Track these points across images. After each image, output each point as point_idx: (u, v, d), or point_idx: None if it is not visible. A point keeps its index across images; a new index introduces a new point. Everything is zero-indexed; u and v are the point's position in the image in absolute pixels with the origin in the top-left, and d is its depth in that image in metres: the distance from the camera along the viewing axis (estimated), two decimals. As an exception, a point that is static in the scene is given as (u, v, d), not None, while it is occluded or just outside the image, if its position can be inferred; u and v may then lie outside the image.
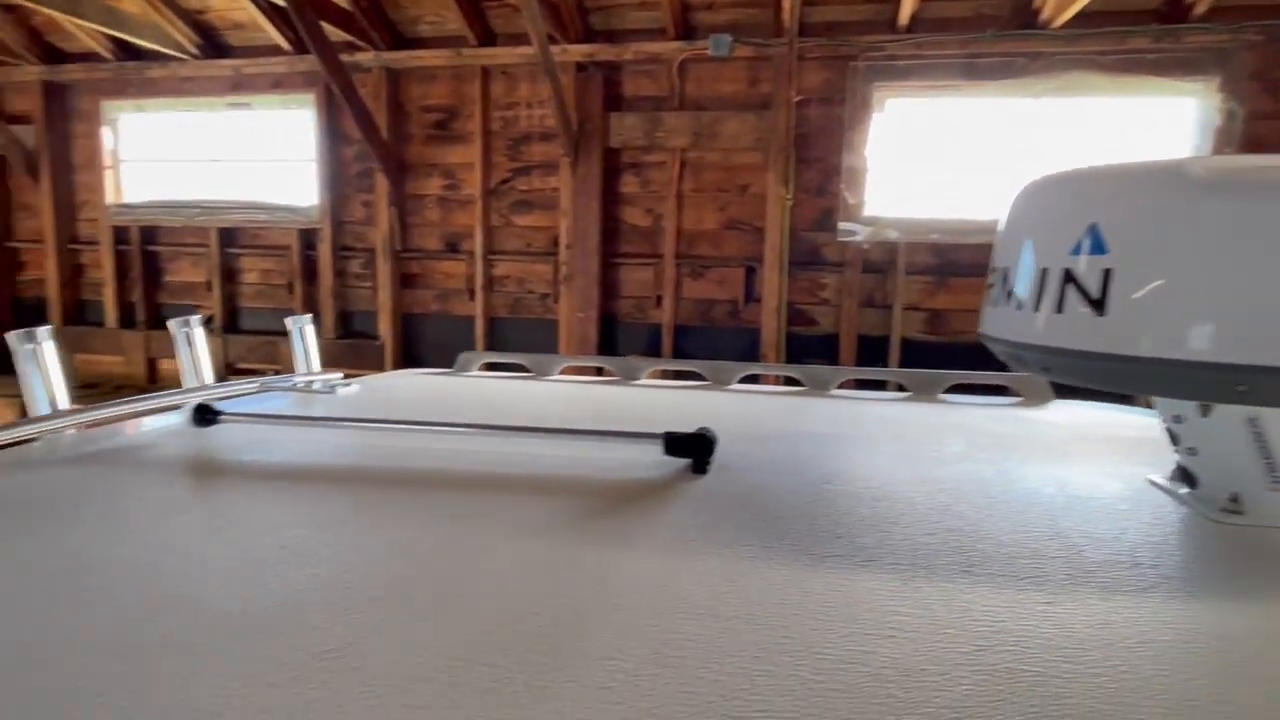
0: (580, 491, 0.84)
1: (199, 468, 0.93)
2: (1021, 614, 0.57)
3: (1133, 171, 0.68)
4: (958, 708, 0.45)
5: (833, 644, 0.52)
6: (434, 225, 5.02)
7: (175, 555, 0.66)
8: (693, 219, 4.55)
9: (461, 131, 4.86)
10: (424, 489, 0.85)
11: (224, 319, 5.56)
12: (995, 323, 0.82)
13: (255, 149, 5.56)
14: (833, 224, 4.29)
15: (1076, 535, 0.72)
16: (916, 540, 0.71)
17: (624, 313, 4.71)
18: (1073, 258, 0.69)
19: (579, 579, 0.62)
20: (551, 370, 1.77)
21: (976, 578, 0.63)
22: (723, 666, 0.49)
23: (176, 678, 0.47)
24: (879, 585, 0.61)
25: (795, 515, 0.78)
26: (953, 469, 0.96)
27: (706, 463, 0.92)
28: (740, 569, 0.64)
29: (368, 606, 0.57)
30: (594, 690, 0.46)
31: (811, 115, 4.31)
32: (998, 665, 0.50)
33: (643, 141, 4.49)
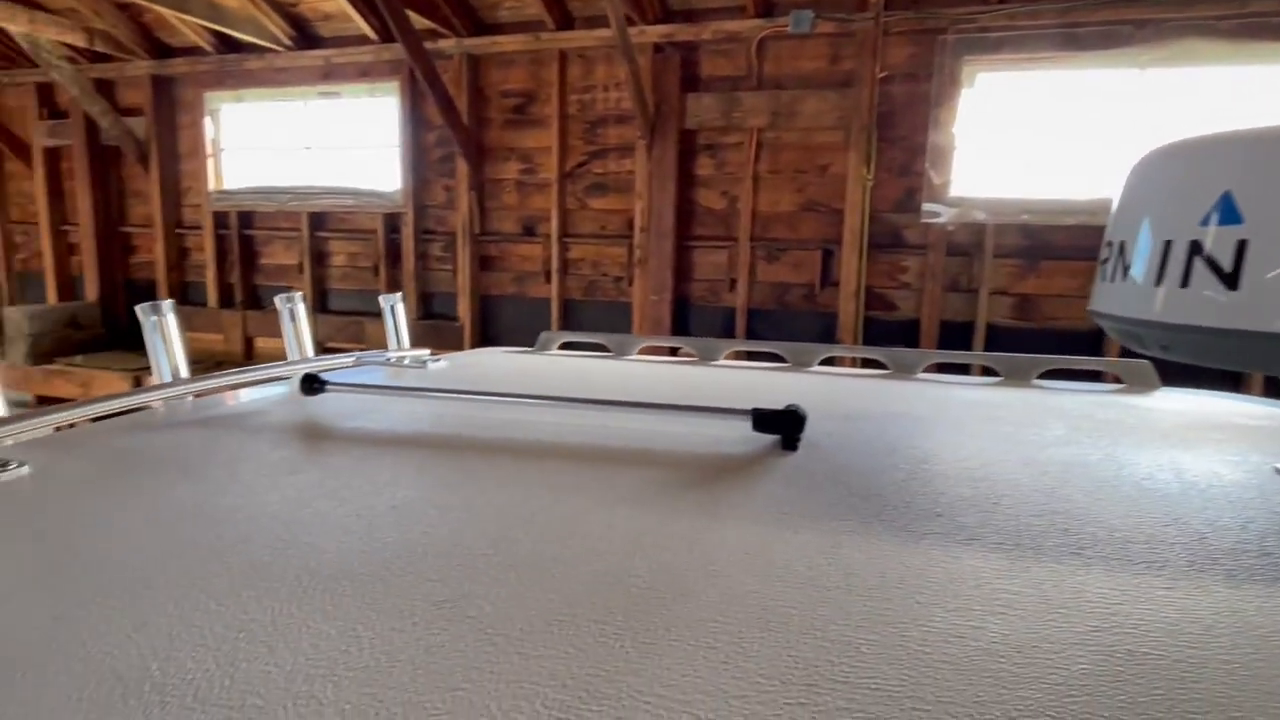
0: (670, 464, 0.85)
1: (309, 432, 0.99)
2: (1139, 598, 0.54)
3: (1273, 135, 0.63)
4: (1075, 685, 0.44)
5: (938, 617, 0.51)
6: (511, 209, 5.12)
7: (295, 509, 0.70)
8: (768, 201, 4.48)
9: (539, 115, 4.92)
10: (521, 457, 0.88)
11: (314, 300, 5.83)
12: (1109, 299, 0.78)
13: (343, 136, 5.78)
14: (916, 205, 4.15)
15: (1197, 522, 0.69)
16: (1022, 521, 0.69)
17: (697, 296, 4.69)
18: (1201, 229, 0.65)
19: (675, 546, 0.63)
20: (630, 350, 1.79)
21: (1088, 560, 0.61)
22: (826, 633, 0.49)
23: (308, 618, 0.51)
24: (984, 563, 0.60)
25: (891, 493, 0.76)
26: (1056, 452, 0.92)
27: (796, 439, 0.91)
28: (837, 542, 0.64)
29: (477, 563, 0.59)
30: (700, 649, 0.47)
31: (895, 92, 4.16)
32: (1116, 646, 0.48)
33: (719, 122, 4.44)
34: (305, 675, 0.44)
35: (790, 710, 0.41)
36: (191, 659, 0.46)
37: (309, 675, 0.44)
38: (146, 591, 0.54)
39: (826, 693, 0.43)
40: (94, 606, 0.52)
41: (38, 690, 0.43)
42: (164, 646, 0.47)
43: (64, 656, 0.46)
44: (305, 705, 0.42)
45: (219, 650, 0.47)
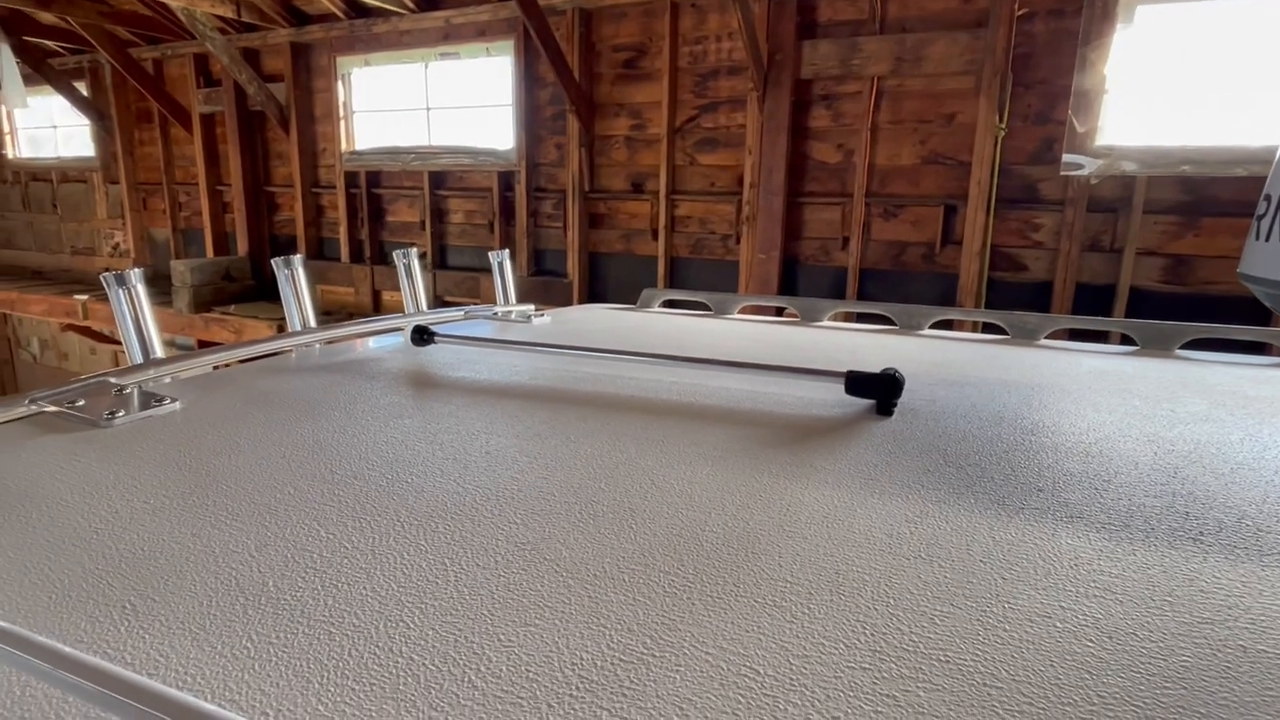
0: (759, 424, 0.84)
1: (417, 380, 1.05)
2: (1265, 591, 0.49)
3: None
4: (1174, 678, 0.41)
5: (1024, 595, 0.49)
6: (620, 166, 5.12)
7: (399, 451, 0.75)
8: (887, 154, 4.24)
9: (649, 69, 4.86)
10: (611, 411, 0.90)
11: (434, 256, 6.12)
12: (1260, 260, 0.69)
13: (462, 96, 5.96)
14: (1054, 156, 3.80)
15: (1348, 512, 0.61)
16: (1135, 501, 0.64)
17: (807, 255, 4.55)
18: (1382, 179, 0.56)
19: (754, 504, 0.63)
20: (731, 309, 1.77)
21: (1208, 547, 0.56)
22: (899, 601, 0.48)
23: (404, 550, 0.55)
24: (1084, 543, 0.56)
25: (990, 464, 0.73)
26: (1188, 430, 0.84)
27: (892, 404, 0.88)
28: (924, 510, 0.62)
29: (559, 509, 0.62)
30: (767, 606, 0.48)
31: (1037, 31, 3.79)
32: (1228, 640, 0.44)
33: (837, 71, 4.22)
34: (397, 601, 0.48)
35: (851, 674, 0.41)
36: (302, 579, 0.51)
37: (400, 601, 0.48)
38: (269, 516, 0.60)
39: (892, 660, 0.42)
40: (225, 527, 0.58)
41: (175, 595, 0.49)
42: (280, 566, 0.53)
43: (198, 568, 0.52)
44: (394, 627, 0.45)
45: (325, 573, 0.52)
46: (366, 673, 0.41)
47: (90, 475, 0.68)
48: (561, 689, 0.40)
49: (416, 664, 0.42)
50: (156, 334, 1.11)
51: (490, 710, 0.39)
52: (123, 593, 0.49)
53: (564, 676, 0.41)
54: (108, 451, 0.74)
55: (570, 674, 0.41)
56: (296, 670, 0.41)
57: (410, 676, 0.41)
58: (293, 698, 0.39)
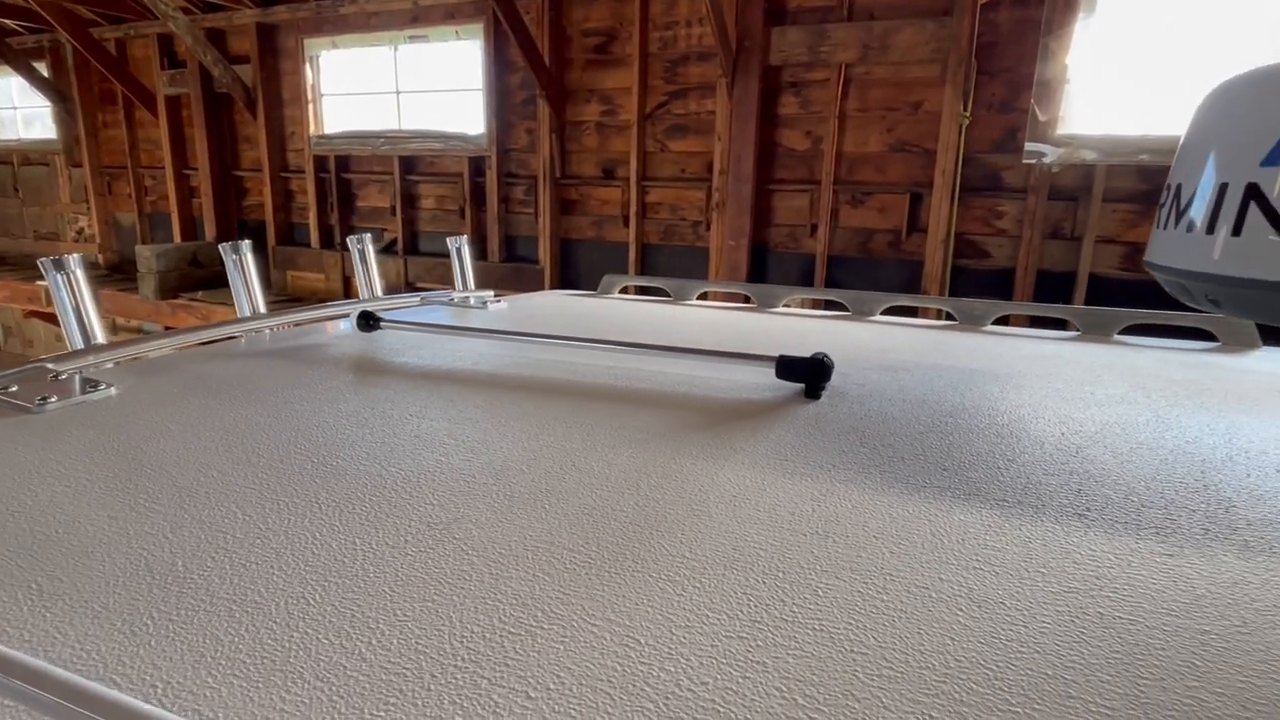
0: (688, 407, 0.86)
1: (359, 365, 1.05)
2: (1133, 563, 0.52)
3: (1351, 62, 0.56)
4: (1029, 642, 0.43)
5: (907, 568, 0.51)
6: (591, 152, 5.11)
7: (329, 435, 0.76)
8: (855, 141, 4.27)
9: (620, 55, 4.84)
10: (546, 396, 0.91)
11: (405, 241, 6.06)
12: (1161, 248, 0.72)
13: (431, 81, 5.89)
14: (1017, 145, 3.85)
15: (1230, 490, 0.65)
16: (1033, 479, 0.66)
17: (776, 242, 4.58)
18: (1263, 170, 0.59)
19: (667, 484, 0.65)
20: (690, 295, 1.79)
21: (1091, 522, 0.58)
22: (787, 575, 0.50)
23: (317, 531, 0.56)
24: (975, 519, 0.59)
25: (904, 445, 0.75)
26: (1100, 411, 0.88)
27: (820, 388, 0.90)
28: (829, 490, 0.64)
29: (477, 491, 0.63)
30: (660, 581, 0.49)
31: (1001, 20, 3.83)
32: (1087, 609, 0.47)
33: (805, 58, 4.23)
34: (301, 580, 0.49)
35: (727, 643, 0.43)
36: (212, 559, 0.52)
37: (305, 580, 0.49)
38: (189, 499, 0.61)
39: (769, 630, 0.44)
40: (143, 510, 0.59)
41: (83, 576, 0.50)
42: (192, 547, 0.53)
43: (110, 550, 0.53)
44: (295, 605, 0.47)
45: (235, 553, 0.53)
46: (260, 647, 0.43)
47: (14, 460, 0.68)
48: (448, 660, 0.42)
49: (310, 638, 0.43)
50: (98, 320, 1.10)
51: (375, 680, 0.40)
52: (30, 574, 0.50)
53: (451, 649, 0.43)
54: (35, 437, 0.74)
55: (458, 646, 0.43)
56: (191, 646, 0.43)
57: (302, 650, 0.42)
58: (183, 671, 0.41)
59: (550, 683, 0.40)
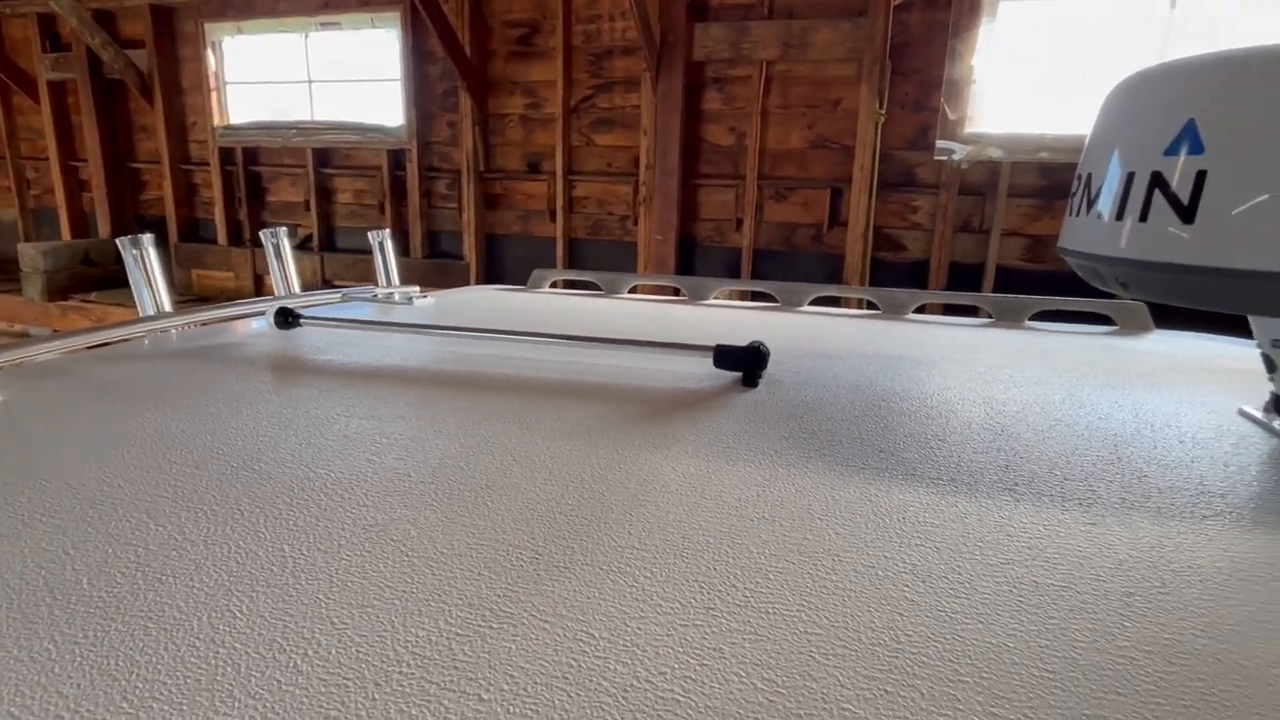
0: (627, 399, 0.85)
1: (279, 364, 1.00)
2: (1061, 533, 0.55)
3: (1242, 58, 0.60)
4: (972, 613, 0.45)
5: (854, 548, 0.52)
6: (516, 145, 5.03)
7: (248, 438, 0.72)
8: (777, 137, 4.36)
9: (544, 47, 4.78)
10: (482, 391, 0.88)
11: (321, 238, 5.82)
12: (1074, 234, 0.76)
13: (346, 69, 5.66)
14: (929, 142, 4.02)
15: (1141, 461, 0.69)
16: (964, 458, 0.69)
17: (703, 236, 4.63)
18: (1164, 159, 0.63)
19: (611, 477, 0.64)
20: (621, 289, 1.78)
21: (1020, 496, 0.61)
22: (738, 561, 0.50)
23: (240, 539, 0.52)
24: (913, 498, 0.60)
25: (842, 429, 0.77)
26: (1020, 392, 0.92)
27: (757, 376, 0.91)
28: (773, 475, 0.65)
29: (414, 490, 0.61)
30: (611, 573, 0.48)
31: (913, 22, 3.98)
32: (1023, 578, 0.49)
33: (728, 54, 4.28)
34: (225, 591, 0.46)
35: (683, 631, 0.43)
36: (122, 574, 0.48)
37: (229, 591, 0.46)
38: (93, 511, 0.56)
39: (724, 616, 0.44)
40: (39, 525, 0.54)
41: None
42: (99, 563, 0.49)
43: (2, 570, 0.48)
44: (219, 618, 0.43)
45: (149, 567, 0.49)
46: (182, 665, 0.39)
47: None
48: (392, 667, 0.39)
49: (239, 653, 0.40)
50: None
51: (314, 692, 0.38)
52: (-94, 602, 0.44)
53: (396, 654, 0.40)
54: None
55: (403, 651, 0.41)
56: (102, 669, 0.39)
57: (230, 666, 0.39)
58: (94, 697, 0.37)
59: (503, 684, 0.38)
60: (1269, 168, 0.57)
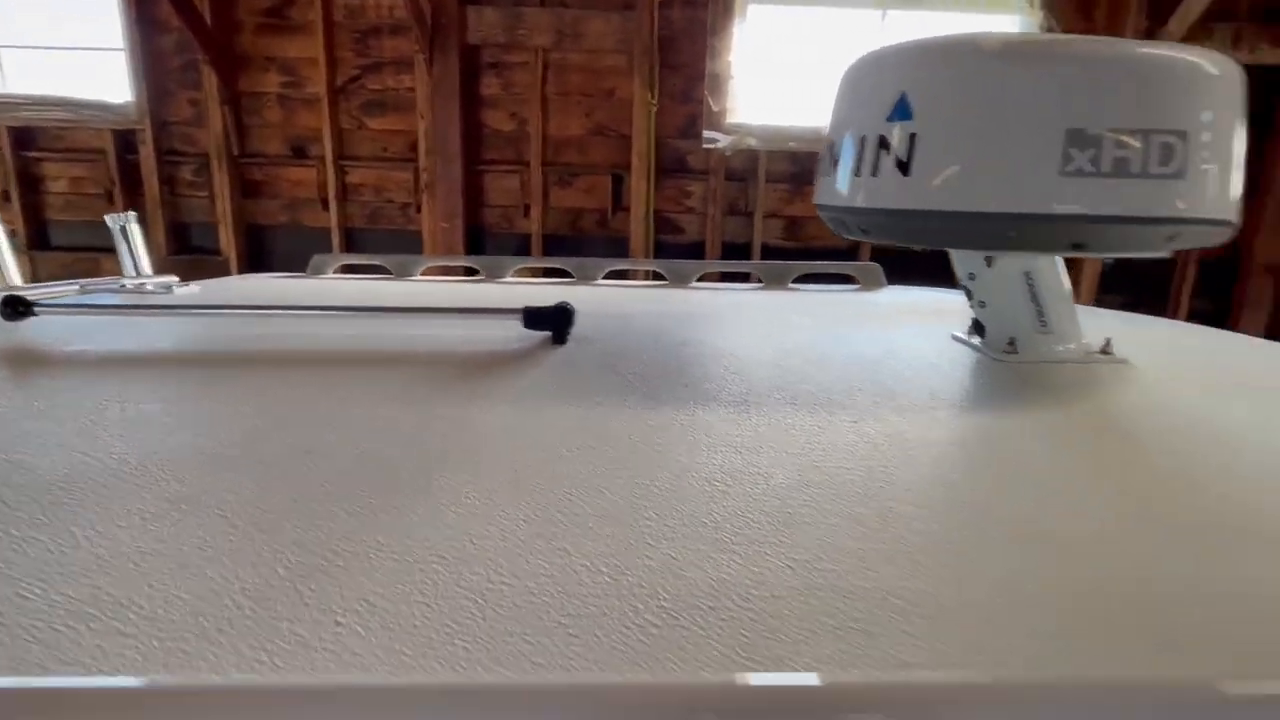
0: (441, 362, 0.86)
1: (14, 358, 0.86)
2: (831, 430, 0.66)
3: (936, 44, 0.75)
4: (770, 492, 0.53)
5: (672, 459, 0.59)
6: (276, 127, 4.59)
7: None
8: (558, 124, 4.43)
9: (300, 21, 4.40)
10: (278, 367, 0.83)
11: (30, 234, 4.88)
12: (823, 192, 0.89)
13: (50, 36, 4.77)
14: (697, 132, 4.32)
15: (887, 378, 0.83)
16: (751, 385, 0.79)
17: (491, 222, 4.58)
18: (886, 125, 0.77)
19: (436, 428, 0.65)
20: (413, 271, 1.73)
21: (798, 408, 0.72)
22: (572, 481, 0.55)
23: (10, 528, 0.47)
24: (715, 417, 0.69)
25: (648, 371, 0.84)
26: (792, 335, 1.06)
27: (566, 333, 0.96)
28: (591, 413, 0.70)
29: (222, 461, 0.57)
30: (450, 505, 0.50)
31: (676, 18, 4.25)
32: (806, 463, 0.58)
33: (503, 39, 4.26)
34: (8, 579, 0.41)
35: (531, 541, 0.46)
36: None
37: (12, 579, 0.41)
38: None
39: (564, 525, 0.48)
40: None
41: None
42: None
43: None
44: (7, 603, 0.39)
45: None
46: None
47: None
48: (233, 614, 0.39)
49: (42, 631, 0.37)
50: None
51: (150, 651, 0.36)
52: None
53: (235, 602, 0.39)
54: None
55: (241, 599, 0.40)
56: None
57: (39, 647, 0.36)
58: None
59: (358, 606, 0.39)
60: (958, 129, 0.72)
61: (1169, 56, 0.69)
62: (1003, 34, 0.69)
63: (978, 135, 0.71)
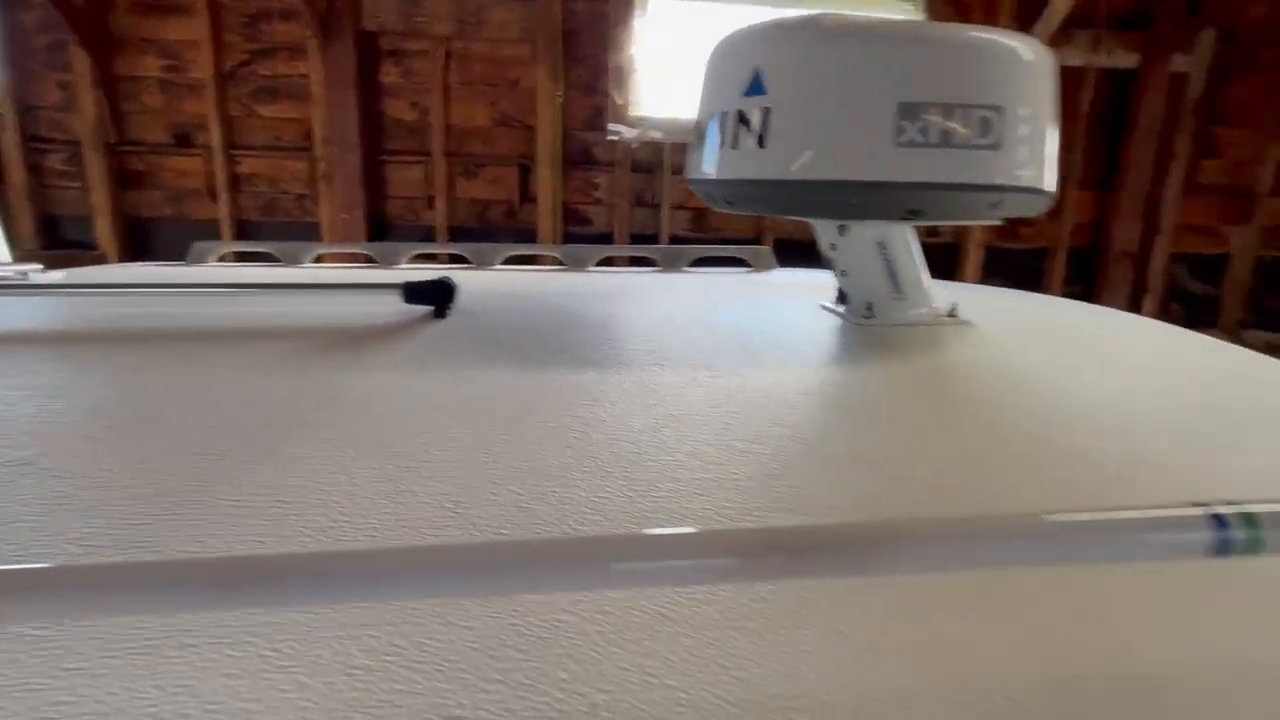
0: (315, 335, 0.85)
1: None
2: (694, 386, 0.70)
3: (784, 23, 0.80)
4: (629, 436, 0.57)
5: (538, 414, 0.61)
6: (158, 114, 4.32)
7: None
8: (462, 114, 4.36)
9: (181, 1, 4.15)
10: (137, 344, 0.81)
11: None
12: (693, 167, 0.93)
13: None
14: (603, 124, 4.35)
15: (756, 341, 0.89)
16: (624, 351, 0.82)
17: (394, 214, 4.46)
18: (744, 100, 0.82)
19: (304, 395, 0.65)
20: (303, 259, 1.68)
21: (665, 368, 0.76)
22: (430, 438, 0.56)
23: None
24: (587, 378, 0.72)
25: (528, 341, 0.86)
26: (676, 308, 1.10)
27: (447, 307, 0.96)
28: (461, 375, 0.71)
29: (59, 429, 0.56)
30: (310, 462, 0.51)
31: (580, 10, 4.25)
32: (665, 413, 0.62)
33: (401, 26, 4.16)
34: None
35: (378, 485, 0.48)
36: None
37: None
38: None
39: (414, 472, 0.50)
40: None
41: None
42: None
43: None
44: None
45: None
46: None
47: None
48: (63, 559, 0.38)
49: None
50: None
51: None
52: None
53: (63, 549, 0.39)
54: None
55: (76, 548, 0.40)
56: None
57: None
58: None
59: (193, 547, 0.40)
60: (805, 103, 0.77)
61: (988, 40, 0.77)
62: (843, 14, 0.75)
63: (822, 109, 0.76)
